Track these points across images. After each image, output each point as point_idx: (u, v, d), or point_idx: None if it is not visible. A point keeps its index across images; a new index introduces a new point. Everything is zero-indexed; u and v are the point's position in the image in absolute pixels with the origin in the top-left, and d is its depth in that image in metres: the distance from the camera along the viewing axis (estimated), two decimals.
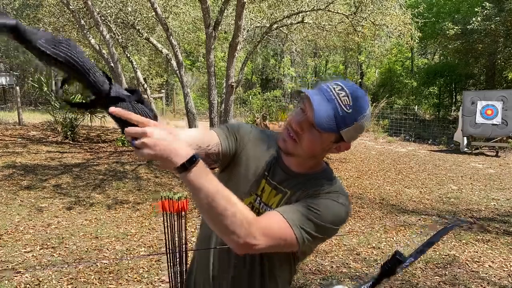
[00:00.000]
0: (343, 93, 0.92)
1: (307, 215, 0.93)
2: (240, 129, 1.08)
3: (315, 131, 0.94)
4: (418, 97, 19.71)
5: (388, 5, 8.53)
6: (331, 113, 0.91)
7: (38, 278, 3.06)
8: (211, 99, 7.65)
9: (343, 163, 8.55)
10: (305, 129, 0.95)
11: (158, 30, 10.72)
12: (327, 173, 1.07)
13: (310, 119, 0.93)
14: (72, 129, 9.12)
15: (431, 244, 1.13)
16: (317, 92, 0.93)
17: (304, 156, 1.00)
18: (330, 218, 0.95)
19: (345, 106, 0.92)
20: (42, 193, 5.22)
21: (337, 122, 0.92)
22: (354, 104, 0.92)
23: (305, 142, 0.96)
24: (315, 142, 0.96)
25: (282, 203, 1.02)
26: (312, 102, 0.90)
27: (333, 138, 0.96)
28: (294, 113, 0.98)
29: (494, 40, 14.72)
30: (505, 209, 5.64)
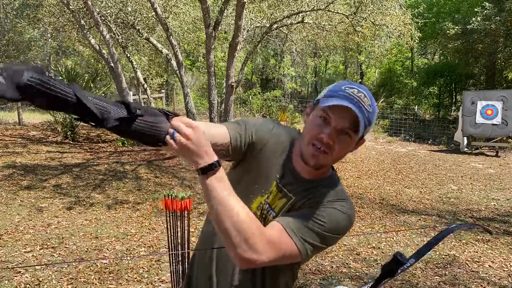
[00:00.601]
0: (362, 95, 0.93)
1: (311, 226, 0.94)
2: (261, 126, 1.07)
3: (346, 138, 0.94)
4: (418, 97, 19.70)
5: (388, 5, 8.54)
6: (362, 117, 0.91)
7: (38, 278, 3.06)
8: (211, 99, 7.66)
9: (343, 163, 8.55)
10: (336, 139, 0.93)
11: (158, 30, 10.72)
12: (333, 179, 1.07)
13: (339, 127, 0.92)
14: (72, 129, 9.12)
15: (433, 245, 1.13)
16: (346, 100, 0.91)
17: (332, 164, 1.01)
18: (334, 228, 0.96)
19: (367, 107, 0.93)
20: (42, 193, 5.22)
21: (365, 124, 0.93)
22: (372, 103, 0.95)
23: (336, 151, 0.95)
24: (346, 148, 0.97)
25: (285, 209, 1.02)
26: (356, 113, 0.89)
27: (357, 138, 0.96)
28: (313, 125, 0.96)
29: (494, 40, 14.72)
30: (505, 209, 5.64)
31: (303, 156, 0.99)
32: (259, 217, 1.06)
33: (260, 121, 1.09)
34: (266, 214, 1.05)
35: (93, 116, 0.70)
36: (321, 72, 24.06)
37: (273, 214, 1.04)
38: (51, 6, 9.82)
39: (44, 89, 0.64)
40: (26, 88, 0.62)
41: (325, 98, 0.94)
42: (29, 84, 0.62)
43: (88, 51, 14.43)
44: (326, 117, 0.93)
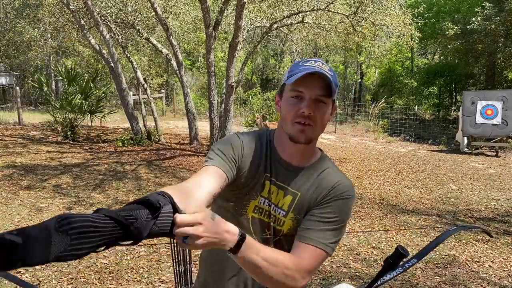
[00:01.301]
0: (319, 63, 0.99)
1: (330, 228, 0.99)
2: (233, 145, 1.05)
3: (322, 105, 0.99)
4: (418, 97, 19.72)
5: (388, 5, 8.54)
6: (329, 80, 0.97)
7: (38, 278, 3.06)
8: (211, 99, 7.66)
9: (343, 163, 8.55)
10: (315, 108, 0.97)
11: (158, 30, 10.73)
12: (325, 160, 1.10)
13: (313, 97, 0.97)
14: (72, 129, 9.13)
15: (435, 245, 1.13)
16: (305, 71, 0.96)
17: (320, 133, 1.04)
18: (347, 215, 1.03)
19: (329, 72, 0.97)
20: (42, 193, 5.22)
21: (334, 87, 0.98)
22: (331, 69, 1.00)
23: (319, 119, 0.99)
24: (326, 114, 1.01)
25: (294, 206, 1.04)
26: (329, 76, 0.95)
27: (331, 103, 1.01)
28: (289, 106, 0.99)
29: (494, 40, 14.72)
30: (505, 209, 5.64)
31: (292, 137, 1.00)
32: (260, 216, 1.07)
33: (228, 140, 1.07)
34: (271, 213, 1.06)
35: (127, 231, 0.63)
36: None
37: (283, 213, 1.05)
38: (51, 6, 9.83)
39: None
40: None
41: (289, 79, 0.98)
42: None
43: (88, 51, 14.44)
44: (298, 94, 0.98)
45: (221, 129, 7.65)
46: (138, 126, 9.46)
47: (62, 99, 9.44)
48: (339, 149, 10.79)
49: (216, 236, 0.74)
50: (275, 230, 1.07)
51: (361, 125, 15.55)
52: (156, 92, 17.54)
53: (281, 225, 1.05)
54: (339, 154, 9.86)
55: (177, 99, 17.95)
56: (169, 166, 7.22)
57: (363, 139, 13.36)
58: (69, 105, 8.88)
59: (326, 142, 12.01)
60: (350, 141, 12.67)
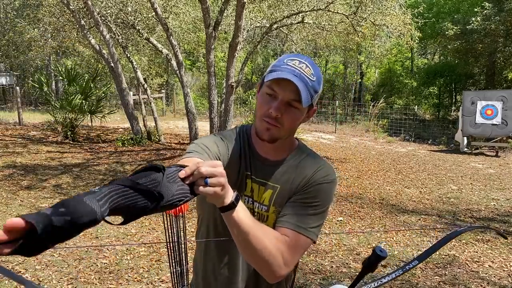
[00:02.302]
0: (303, 66, 0.96)
1: (313, 212, 0.98)
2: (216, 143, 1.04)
3: (293, 109, 0.96)
4: (418, 97, 19.72)
5: (388, 5, 8.53)
6: (306, 89, 0.94)
7: (38, 278, 3.06)
8: (211, 99, 7.65)
9: (343, 163, 8.55)
10: (283, 111, 0.96)
11: (158, 30, 10.72)
12: (302, 149, 1.10)
13: (285, 99, 0.95)
14: (72, 129, 9.13)
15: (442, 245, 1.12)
16: (285, 73, 0.93)
17: (286, 136, 1.02)
18: (329, 200, 1.03)
19: (310, 76, 0.95)
20: (42, 193, 5.23)
21: (310, 94, 0.95)
22: (315, 71, 0.97)
23: (286, 122, 0.97)
24: (295, 119, 0.99)
25: (275, 199, 1.04)
26: (297, 85, 0.91)
27: (307, 108, 1.00)
28: (262, 102, 0.98)
29: (493, 40, 14.73)
30: (505, 209, 5.64)
31: (258, 133, 1.01)
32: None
33: (211, 138, 1.07)
34: (255, 210, 1.06)
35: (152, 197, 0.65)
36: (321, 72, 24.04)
37: (265, 208, 1.05)
38: (51, 6, 9.82)
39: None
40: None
41: (269, 74, 0.96)
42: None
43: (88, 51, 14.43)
44: (272, 93, 0.96)
45: (221, 129, 7.66)
46: (138, 126, 9.46)
47: (62, 99, 9.44)
48: (339, 149, 10.79)
49: (224, 184, 0.76)
50: None
51: (361, 125, 15.55)
52: (156, 92, 17.53)
53: (265, 221, 1.05)
54: (339, 154, 9.86)
55: (177, 99, 17.95)
56: (169, 166, 7.22)
57: (363, 139, 13.36)
58: (69, 105, 8.88)
59: (326, 142, 12.02)
60: (350, 141, 12.67)
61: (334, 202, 5.68)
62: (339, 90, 23.44)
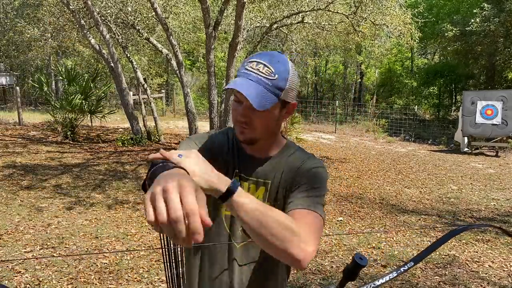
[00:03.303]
0: (261, 66, 0.94)
1: (315, 194, 0.98)
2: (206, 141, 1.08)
3: (259, 112, 0.96)
4: (418, 97, 19.73)
5: (388, 5, 8.54)
6: (261, 90, 0.93)
7: (38, 278, 3.06)
8: (211, 99, 7.65)
9: (343, 163, 8.55)
10: (250, 114, 0.97)
11: (158, 30, 10.73)
12: (290, 147, 1.11)
13: (248, 104, 0.94)
14: (72, 129, 9.12)
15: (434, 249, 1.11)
16: (241, 79, 0.94)
17: (264, 136, 1.02)
18: (325, 183, 1.03)
19: (269, 75, 0.94)
20: (42, 193, 5.22)
21: (273, 93, 0.94)
22: (277, 68, 0.95)
23: (257, 124, 0.98)
24: (266, 119, 0.98)
25: (269, 194, 1.04)
26: (242, 92, 0.91)
27: (278, 106, 0.98)
28: (232, 108, 1.01)
29: (493, 41, 14.72)
30: (505, 209, 5.64)
31: (236, 135, 1.03)
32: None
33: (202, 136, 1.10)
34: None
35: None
36: (321, 72, 24.06)
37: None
38: (51, 6, 9.82)
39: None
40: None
41: (232, 82, 0.96)
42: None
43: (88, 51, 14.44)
44: (237, 99, 0.99)
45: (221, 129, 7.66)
46: (138, 126, 9.46)
47: (62, 99, 9.44)
48: (339, 149, 10.78)
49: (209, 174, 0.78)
50: None
51: (361, 125, 15.55)
52: (156, 92, 17.53)
53: None
54: (339, 154, 9.86)
55: (177, 99, 17.95)
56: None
57: (363, 139, 13.36)
58: (69, 105, 8.88)
59: (326, 142, 12.02)
60: (350, 141, 12.67)
61: (334, 202, 5.68)
62: (339, 90, 23.44)
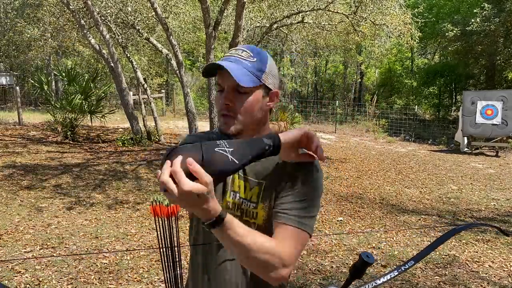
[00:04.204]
0: (240, 51, 1.00)
1: (306, 205, 0.97)
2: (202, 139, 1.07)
3: (242, 95, 0.97)
4: (418, 97, 19.72)
5: (388, 4, 8.54)
6: (242, 69, 0.95)
7: (38, 278, 3.06)
8: (211, 99, 7.64)
9: (343, 163, 8.55)
10: (233, 98, 0.98)
11: (158, 30, 10.72)
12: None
13: (231, 86, 0.97)
14: (72, 129, 9.12)
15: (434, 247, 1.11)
16: (222, 61, 0.97)
17: (250, 125, 1.01)
18: (319, 190, 1.02)
19: (249, 58, 0.98)
20: (42, 193, 5.22)
21: (254, 74, 0.97)
22: (255, 53, 0.99)
23: (239, 109, 0.98)
24: (250, 104, 0.99)
25: (262, 195, 1.03)
26: (224, 66, 0.93)
27: (261, 92, 1.00)
28: (216, 100, 1.02)
29: (493, 41, 14.72)
30: (505, 209, 5.64)
31: (221, 130, 1.02)
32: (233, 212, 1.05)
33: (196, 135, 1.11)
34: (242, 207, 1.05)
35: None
36: (321, 72, 24.06)
37: (253, 205, 1.04)
38: (51, 6, 9.82)
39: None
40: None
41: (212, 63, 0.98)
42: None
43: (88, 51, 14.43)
44: (219, 88, 1.00)
45: None
46: (138, 126, 9.45)
47: (62, 99, 9.44)
48: (339, 149, 10.78)
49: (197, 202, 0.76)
50: (250, 224, 1.04)
51: (361, 125, 15.55)
52: (156, 92, 17.52)
53: (255, 218, 1.04)
54: (339, 154, 9.86)
55: (177, 99, 17.94)
56: None
57: (363, 139, 13.36)
58: (69, 105, 8.88)
59: (326, 142, 12.01)
60: (350, 141, 12.67)
61: (334, 202, 5.68)
62: (339, 90, 23.44)
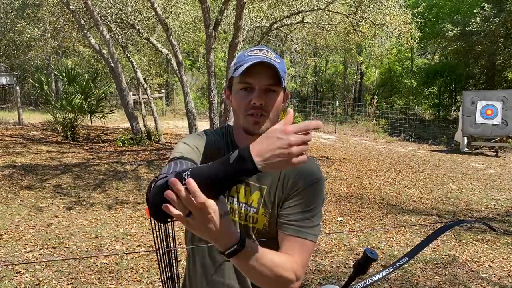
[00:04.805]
0: (266, 51, 0.98)
1: (309, 216, 0.98)
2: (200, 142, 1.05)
3: (272, 93, 0.97)
4: (418, 97, 19.71)
5: (388, 4, 8.53)
6: (276, 66, 0.95)
7: (38, 278, 3.06)
8: (211, 99, 7.65)
9: (343, 163, 8.55)
10: (265, 97, 0.96)
11: (158, 30, 10.72)
12: None
13: (262, 87, 0.96)
14: (72, 129, 9.12)
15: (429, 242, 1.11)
16: (256, 60, 0.94)
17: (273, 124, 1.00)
18: (322, 198, 1.02)
19: (275, 59, 0.97)
20: (42, 193, 5.22)
21: (282, 75, 0.97)
22: (277, 55, 1.00)
23: (271, 108, 0.98)
24: (278, 102, 0.99)
25: (263, 200, 1.02)
26: (271, 62, 0.93)
27: (282, 91, 1.00)
28: (240, 99, 0.98)
29: (493, 41, 14.72)
30: (505, 209, 5.64)
31: (247, 130, 0.99)
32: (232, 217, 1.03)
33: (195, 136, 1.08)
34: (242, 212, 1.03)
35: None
36: (321, 72, 24.05)
37: (254, 210, 1.03)
38: (51, 6, 9.82)
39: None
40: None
41: (236, 71, 0.96)
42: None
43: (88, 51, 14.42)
44: (247, 86, 0.96)
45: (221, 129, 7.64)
46: (138, 126, 9.45)
47: (62, 99, 9.43)
48: (339, 149, 10.78)
49: (213, 231, 0.73)
50: (249, 228, 1.04)
51: (361, 125, 15.55)
52: (156, 92, 17.52)
53: (255, 223, 1.03)
54: (339, 154, 9.86)
55: (177, 99, 17.94)
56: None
57: (363, 139, 13.36)
58: (69, 105, 8.88)
59: (326, 142, 12.01)
60: (350, 141, 12.67)
61: (334, 202, 5.68)
62: (339, 90, 23.42)
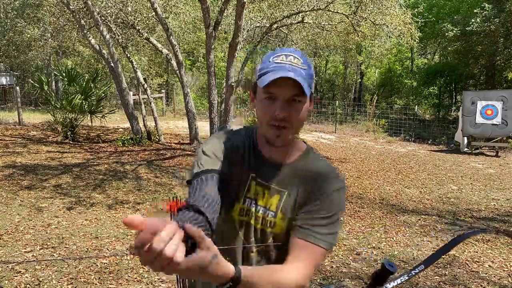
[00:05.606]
0: (291, 58, 0.95)
1: (325, 223, 0.96)
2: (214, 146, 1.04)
3: (296, 104, 0.95)
4: (418, 97, 19.72)
5: (388, 4, 8.54)
6: (302, 79, 0.93)
7: (38, 278, 3.06)
8: (211, 99, 7.66)
9: (343, 163, 8.55)
10: (288, 109, 0.94)
11: (158, 30, 10.73)
12: (309, 154, 1.07)
13: (286, 98, 0.94)
14: (72, 129, 9.12)
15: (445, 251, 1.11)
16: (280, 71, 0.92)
17: (296, 133, 1.01)
18: (341, 207, 1.01)
19: (302, 66, 0.95)
20: (42, 193, 5.23)
21: (308, 82, 0.95)
22: (304, 59, 0.97)
23: (294, 119, 0.96)
24: (304, 111, 0.97)
25: (283, 205, 1.00)
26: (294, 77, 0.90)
27: (306, 99, 0.97)
28: (263, 109, 0.96)
29: (493, 41, 14.72)
30: (505, 209, 5.64)
31: (269, 141, 0.99)
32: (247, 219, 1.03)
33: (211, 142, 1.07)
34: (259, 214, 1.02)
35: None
36: (321, 72, 24.05)
37: (272, 214, 1.01)
38: (51, 6, 9.83)
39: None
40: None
41: (261, 79, 0.94)
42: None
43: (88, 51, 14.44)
44: (270, 96, 0.95)
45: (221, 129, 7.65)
46: (138, 126, 9.46)
47: (62, 99, 9.43)
48: (339, 149, 10.78)
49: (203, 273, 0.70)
50: (266, 233, 1.02)
51: (361, 125, 15.55)
52: (156, 92, 17.52)
53: (272, 227, 1.01)
54: (339, 154, 9.86)
55: (177, 99, 17.94)
56: (169, 166, 7.22)
57: (363, 139, 13.36)
58: (69, 105, 8.88)
59: (326, 142, 12.02)
60: (350, 141, 12.67)
61: None
62: (339, 90, 23.44)
